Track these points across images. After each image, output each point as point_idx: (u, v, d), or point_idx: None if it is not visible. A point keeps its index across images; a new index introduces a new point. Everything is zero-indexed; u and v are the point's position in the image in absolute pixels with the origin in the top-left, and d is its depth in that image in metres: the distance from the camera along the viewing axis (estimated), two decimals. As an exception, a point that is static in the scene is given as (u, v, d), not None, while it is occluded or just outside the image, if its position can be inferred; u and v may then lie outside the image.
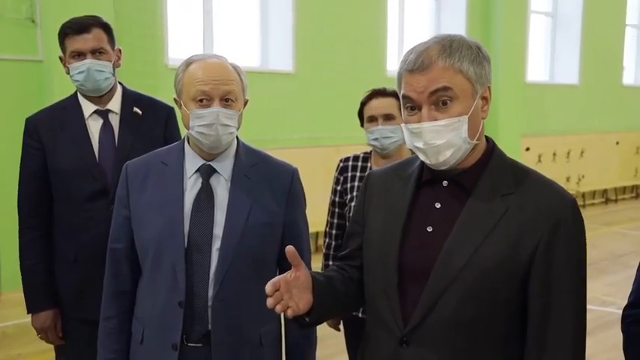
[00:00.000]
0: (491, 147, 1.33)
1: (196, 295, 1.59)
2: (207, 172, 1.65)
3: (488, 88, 1.28)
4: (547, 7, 10.02)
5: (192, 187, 1.65)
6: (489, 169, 1.29)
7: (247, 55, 6.96)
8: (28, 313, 2.23)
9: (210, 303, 1.59)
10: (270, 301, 1.24)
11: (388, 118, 2.29)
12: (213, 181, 1.65)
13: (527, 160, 9.23)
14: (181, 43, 6.32)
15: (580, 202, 9.80)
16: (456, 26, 8.55)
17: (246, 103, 1.70)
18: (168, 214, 1.62)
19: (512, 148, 8.90)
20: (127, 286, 1.71)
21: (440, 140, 1.22)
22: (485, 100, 1.28)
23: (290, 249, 1.27)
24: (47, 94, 4.70)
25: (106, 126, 2.22)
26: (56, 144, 2.19)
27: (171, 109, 2.37)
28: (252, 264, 1.64)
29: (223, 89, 1.59)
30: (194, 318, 1.60)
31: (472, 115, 1.24)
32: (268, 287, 1.24)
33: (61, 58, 2.23)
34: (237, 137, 1.73)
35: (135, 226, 1.67)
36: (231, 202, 1.63)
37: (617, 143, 10.57)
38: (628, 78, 11.28)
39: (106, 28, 2.22)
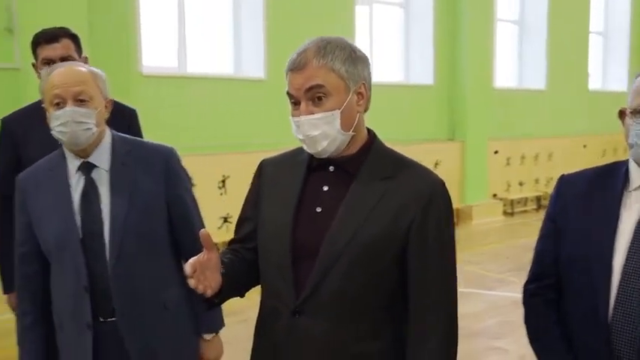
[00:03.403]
0: (372, 138, 1.49)
1: (98, 277, 1.78)
2: (87, 169, 1.84)
3: (364, 84, 1.43)
4: (514, 15, 10.36)
5: (77, 184, 1.83)
6: (370, 157, 1.45)
7: (221, 62, 7.19)
8: (4, 293, 2.47)
9: (110, 282, 1.78)
10: (192, 282, 1.34)
11: None
12: (94, 175, 1.84)
13: (496, 163, 9.54)
14: (155, 51, 6.52)
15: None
16: (424, 35, 8.84)
17: (109, 102, 1.87)
18: (61, 213, 1.81)
19: (479, 151, 9.20)
20: (38, 285, 1.88)
21: (315, 132, 1.37)
22: (360, 95, 1.42)
23: (204, 232, 1.37)
24: (23, 99, 4.80)
25: None
26: (29, 143, 2.41)
27: (134, 111, 2.60)
28: (142, 241, 1.82)
29: (74, 90, 1.76)
30: (100, 297, 1.79)
31: (345, 109, 1.38)
32: (188, 269, 1.34)
33: (34, 65, 2.47)
34: (110, 131, 1.91)
35: (36, 229, 1.85)
36: (112, 190, 1.82)
37: (585, 146, 10.88)
38: (594, 83, 11.66)
39: (74, 38, 2.47)
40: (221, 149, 6.61)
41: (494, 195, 9.59)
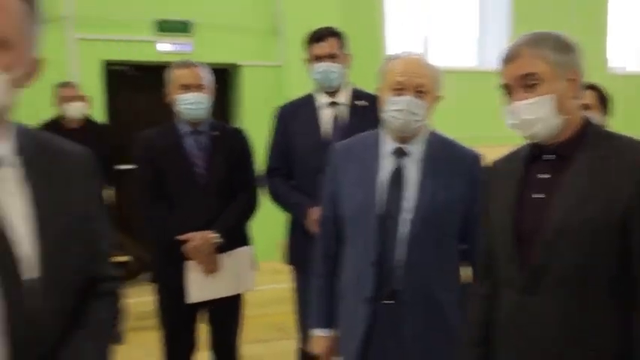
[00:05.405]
0: (586, 122, 1.52)
1: (386, 258, 1.84)
2: (400, 154, 1.90)
3: (575, 71, 1.48)
4: None
5: (386, 166, 1.90)
6: (586, 140, 1.48)
7: (465, 55, 7.17)
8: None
9: (397, 265, 1.83)
10: None
11: None
12: (404, 161, 1.90)
13: None
14: (401, 44, 6.73)
15: None
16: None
17: (437, 99, 1.90)
18: (365, 188, 1.89)
19: None
20: (333, 250, 2.00)
21: (530, 115, 1.46)
22: (572, 81, 1.48)
23: None
24: (284, 93, 5.38)
25: (336, 114, 2.75)
26: (295, 128, 2.77)
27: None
28: (435, 235, 1.85)
29: (416, 81, 1.83)
30: (383, 277, 1.85)
31: (558, 94, 1.46)
32: None
33: (306, 60, 2.81)
34: (427, 126, 1.95)
35: (339, 200, 1.96)
36: (420, 180, 1.87)
37: None
38: None
39: (339, 37, 2.77)
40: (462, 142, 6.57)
41: None
